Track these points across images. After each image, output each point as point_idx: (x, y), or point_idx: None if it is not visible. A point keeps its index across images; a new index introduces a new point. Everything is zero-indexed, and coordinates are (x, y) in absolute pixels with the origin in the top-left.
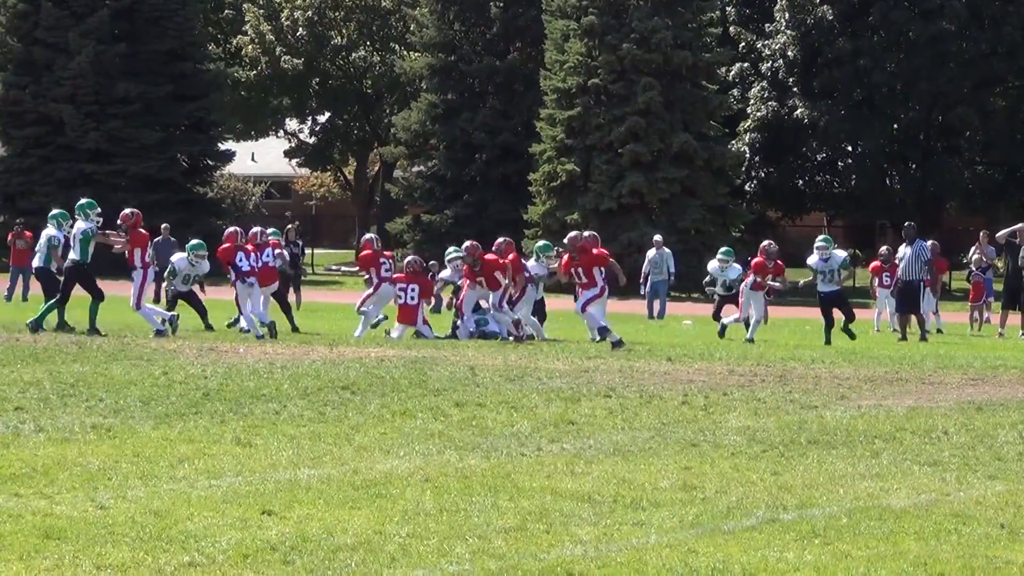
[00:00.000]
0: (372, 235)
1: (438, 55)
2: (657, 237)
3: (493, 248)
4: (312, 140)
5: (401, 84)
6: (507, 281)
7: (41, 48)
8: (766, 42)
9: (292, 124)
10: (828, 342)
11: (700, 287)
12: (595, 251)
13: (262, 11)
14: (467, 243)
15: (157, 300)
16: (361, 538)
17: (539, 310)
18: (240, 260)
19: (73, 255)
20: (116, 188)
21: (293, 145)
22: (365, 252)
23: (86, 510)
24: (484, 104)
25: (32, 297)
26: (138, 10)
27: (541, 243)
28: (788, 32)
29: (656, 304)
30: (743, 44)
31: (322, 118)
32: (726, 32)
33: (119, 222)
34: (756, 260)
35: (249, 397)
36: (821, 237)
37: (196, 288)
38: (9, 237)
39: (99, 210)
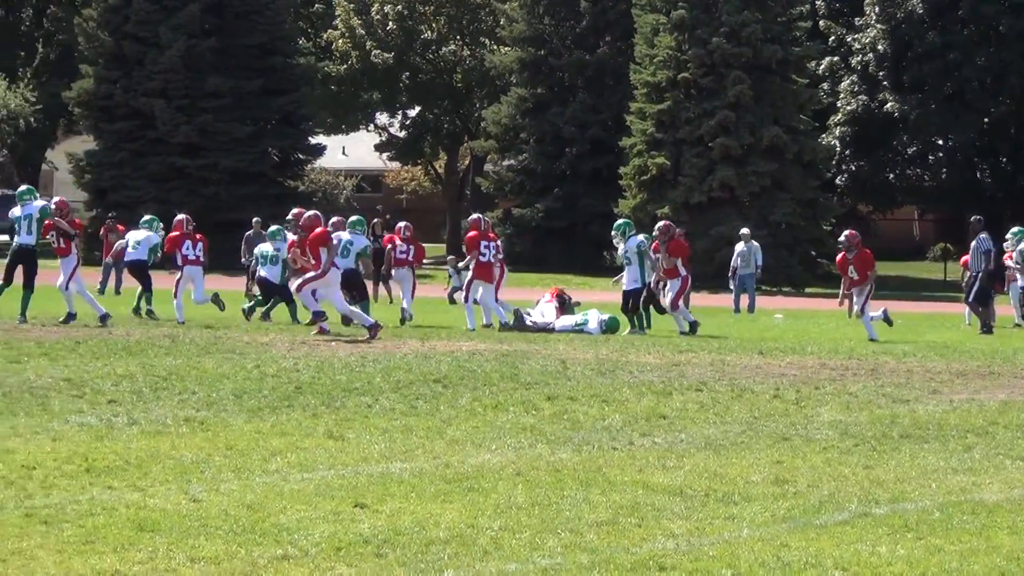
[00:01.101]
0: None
1: (528, 49)
2: (744, 230)
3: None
4: (403, 134)
5: (491, 78)
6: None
7: (132, 42)
8: (856, 36)
9: (382, 118)
10: None
11: (791, 281)
12: (679, 240)
13: (352, 5)
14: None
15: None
16: (453, 532)
17: None
18: (186, 248)
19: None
20: (207, 182)
21: (384, 139)
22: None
23: (179, 503)
24: (574, 98)
25: (125, 290)
26: (228, 4)
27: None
28: (878, 26)
29: (744, 298)
30: (833, 38)
31: (412, 112)
32: (816, 26)
33: (54, 208)
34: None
35: (341, 391)
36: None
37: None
38: (102, 231)
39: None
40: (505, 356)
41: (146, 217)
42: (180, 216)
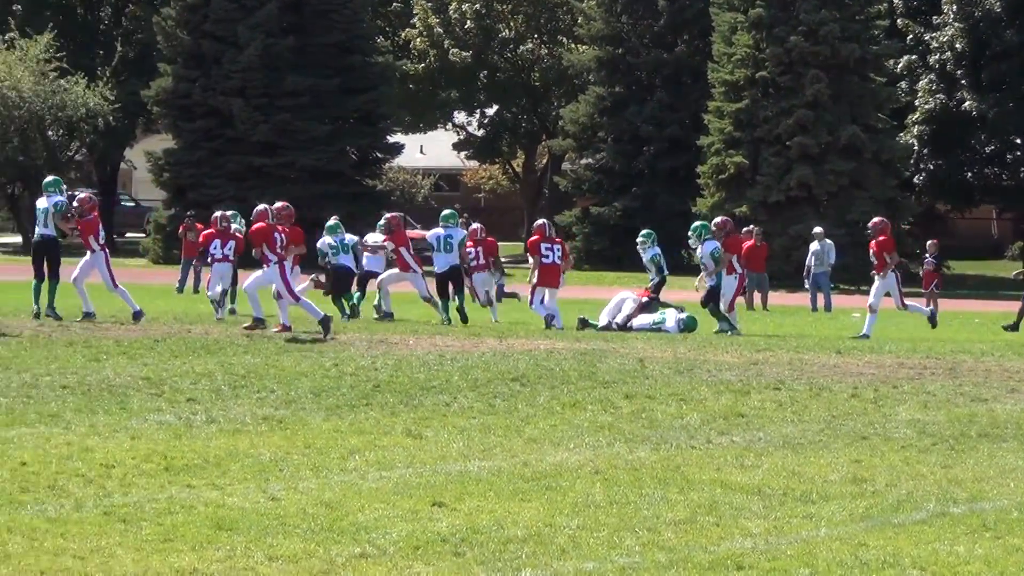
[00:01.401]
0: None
1: (606, 48)
2: (818, 229)
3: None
4: (480, 133)
5: (569, 77)
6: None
7: (210, 41)
8: (934, 34)
9: (460, 117)
10: None
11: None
12: (736, 236)
13: (430, 4)
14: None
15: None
16: (531, 530)
17: None
18: (214, 248)
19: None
20: (285, 180)
21: (462, 138)
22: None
23: (258, 501)
24: (652, 97)
25: (203, 289)
26: (307, 3)
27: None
28: (956, 24)
29: (820, 297)
30: (911, 37)
31: (490, 111)
32: (893, 24)
33: (75, 205)
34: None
35: (419, 389)
36: None
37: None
38: (180, 229)
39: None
40: (583, 354)
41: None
42: (217, 213)
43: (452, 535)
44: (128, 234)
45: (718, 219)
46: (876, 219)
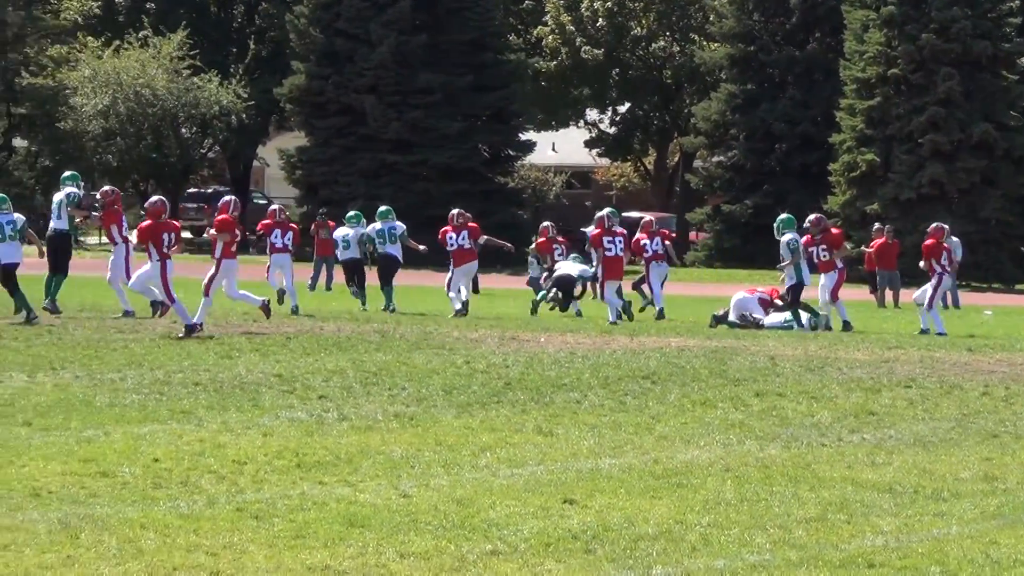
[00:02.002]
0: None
1: (738, 45)
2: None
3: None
4: (612, 130)
5: (701, 74)
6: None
7: (343, 39)
8: None
9: (592, 114)
10: None
11: (1000, 277)
12: (834, 231)
13: (563, 2)
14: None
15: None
16: (662, 527)
17: None
18: (275, 237)
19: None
20: (417, 178)
21: (593, 135)
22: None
23: (389, 498)
24: (783, 94)
25: (335, 286)
26: (439, 1)
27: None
28: None
29: (947, 295)
30: None
31: (622, 108)
32: None
33: (98, 196)
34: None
35: (550, 386)
36: None
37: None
38: (312, 227)
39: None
40: (714, 352)
41: (351, 213)
42: (273, 206)
43: (583, 532)
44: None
45: (812, 216)
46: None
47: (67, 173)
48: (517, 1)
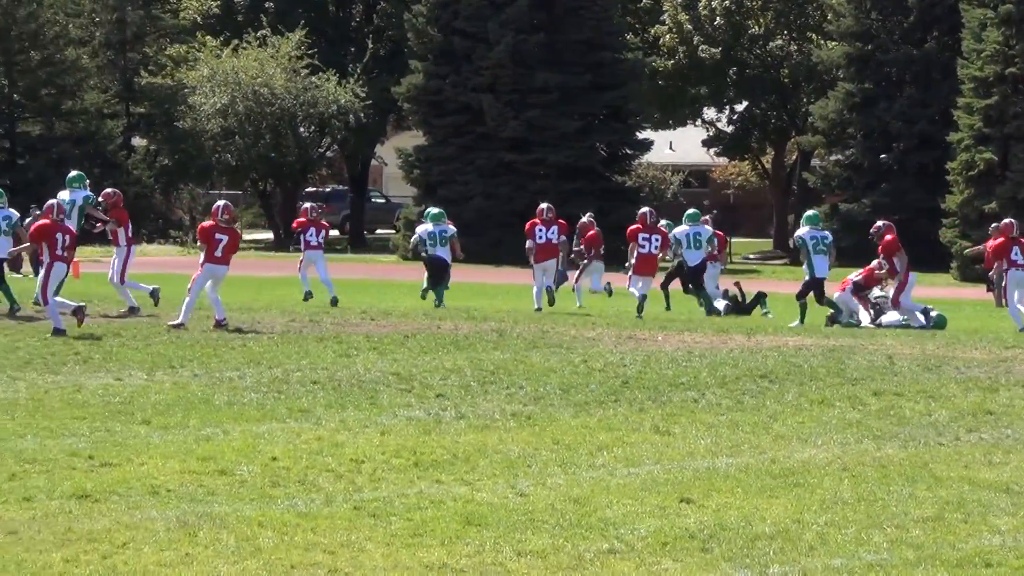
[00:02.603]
0: (647, 209)
1: (855, 44)
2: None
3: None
4: (730, 129)
5: (818, 73)
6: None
7: (461, 38)
8: None
9: (710, 113)
10: None
11: None
12: (888, 238)
13: (680, 1)
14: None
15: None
16: (779, 527)
17: None
18: (309, 234)
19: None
20: (535, 177)
21: (711, 134)
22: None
23: (506, 497)
24: (901, 93)
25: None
26: (556, 0)
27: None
28: None
29: None
30: None
31: (740, 107)
32: None
33: (99, 199)
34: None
35: (668, 385)
36: None
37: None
38: None
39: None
40: (831, 351)
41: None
42: (306, 205)
43: (700, 531)
44: (379, 231)
45: (880, 222)
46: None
47: (73, 174)
48: (635, 0)
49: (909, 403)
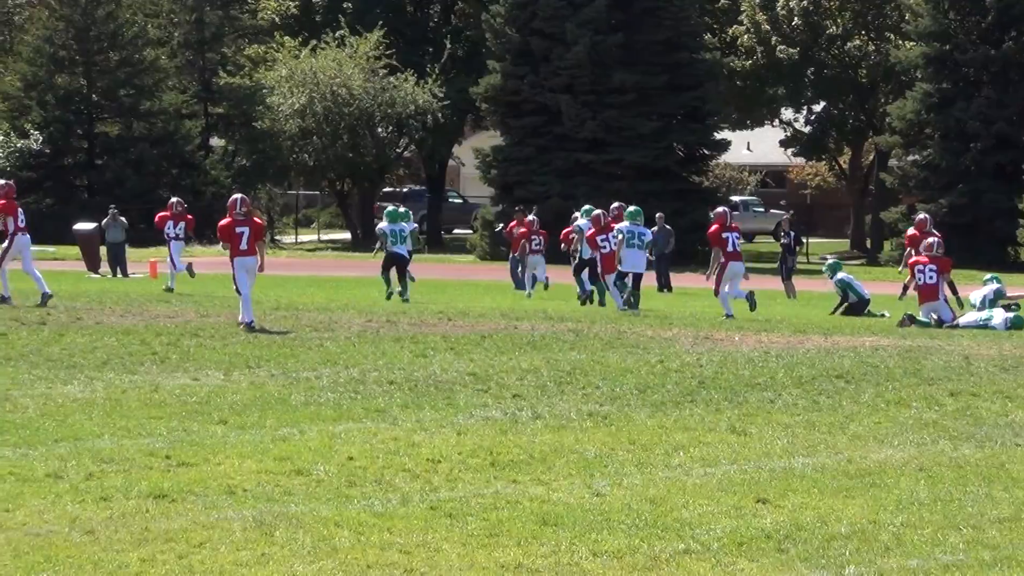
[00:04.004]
0: (723, 208)
1: (933, 44)
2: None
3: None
4: (807, 129)
5: (896, 73)
6: None
7: (539, 39)
8: None
9: (787, 113)
10: None
11: None
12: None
13: (758, 1)
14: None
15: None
16: (855, 527)
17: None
18: (168, 228)
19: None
20: (612, 177)
21: (788, 134)
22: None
23: (583, 497)
24: (979, 93)
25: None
26: (635, 0)
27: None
28: None
29: None
30: None
31: (817, 107)
32: None
33: None
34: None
35: (744, 386)
36: None
37: None
38: (509, 226)
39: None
40: (908, 352)
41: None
42: (172, 199)
43: (776, 531)
44: (456, 230)
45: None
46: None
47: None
48: (712, 1)
49: (986, 403)
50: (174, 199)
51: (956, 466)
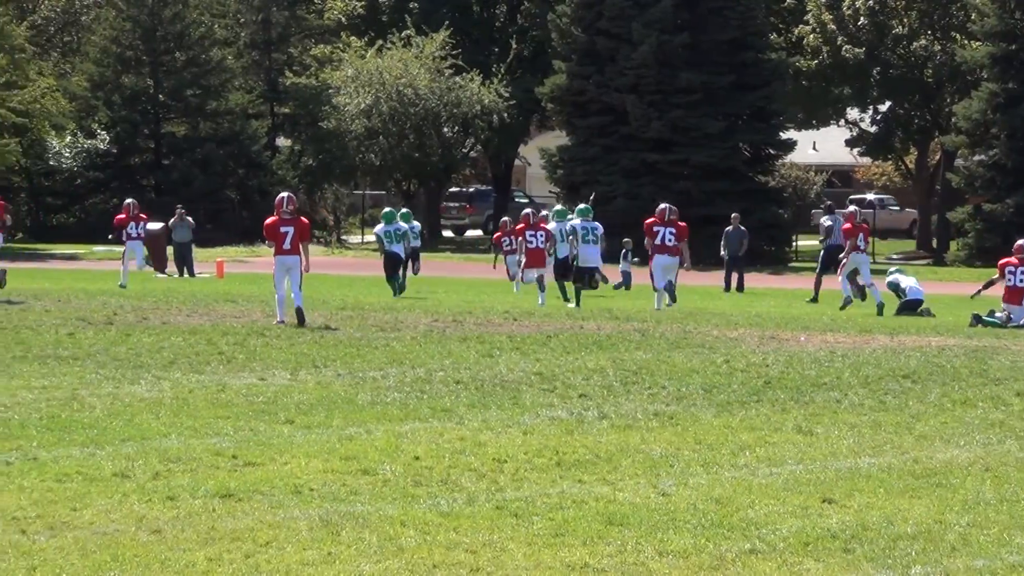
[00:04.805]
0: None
1: (999, 44)
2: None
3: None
4: (873, 129)
5: (962, 73)
6: None
7: (605, 39)
8: None
9: (853, 113)
10: None
11: None
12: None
13: (824, 1)
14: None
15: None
16: (921, 527)
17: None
18: (131, 228)
19: None
20: (678, 177)
21: (854, 134)
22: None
23: (648, 496)
24: None
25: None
26: (701, 0)
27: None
28: None
29: None
30: None
31: (883, 107)
32: None
33: None
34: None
35: (810, 385)
36: None
37: None
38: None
39: None
40: (975, 351)
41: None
42: (127, 200)
43: (842, 531)
44: None
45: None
46: None
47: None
48: (778, 0)
49: None
50: (129, 200)
51: (1022, 466)
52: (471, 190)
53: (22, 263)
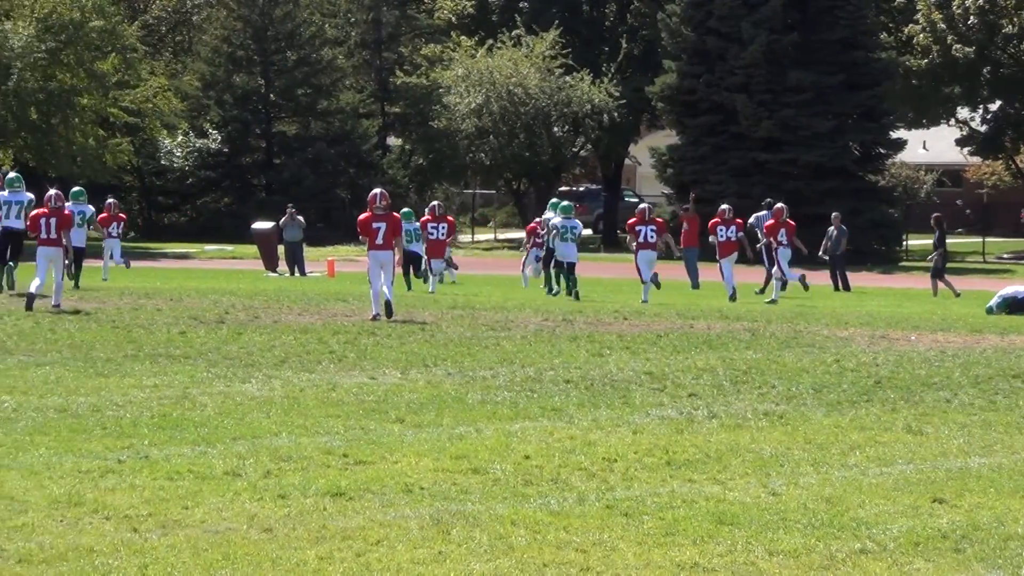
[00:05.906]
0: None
1: None
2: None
3: None
4: (983, 128)
5: None
6: None
7: (715, 38)
8: None
9: (963, 112)
10: None
11: None
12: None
13: (934, 0)
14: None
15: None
16: None
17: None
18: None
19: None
20: (787, 176)
21: (964, 133)
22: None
23: (758, 496)
24: None
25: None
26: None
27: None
28: None
29: None
30: None
31: (993, 106)
32: None
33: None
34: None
35: (920, 385)
36: None
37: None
38: (685, 224)
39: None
40: None
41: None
42: (109, 200)
43: (952, 531)
44: None
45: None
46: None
47: (12, 175)
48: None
49: None
50: (110, 200)
51: None
52: (581, 189)
53: (134, 262)
